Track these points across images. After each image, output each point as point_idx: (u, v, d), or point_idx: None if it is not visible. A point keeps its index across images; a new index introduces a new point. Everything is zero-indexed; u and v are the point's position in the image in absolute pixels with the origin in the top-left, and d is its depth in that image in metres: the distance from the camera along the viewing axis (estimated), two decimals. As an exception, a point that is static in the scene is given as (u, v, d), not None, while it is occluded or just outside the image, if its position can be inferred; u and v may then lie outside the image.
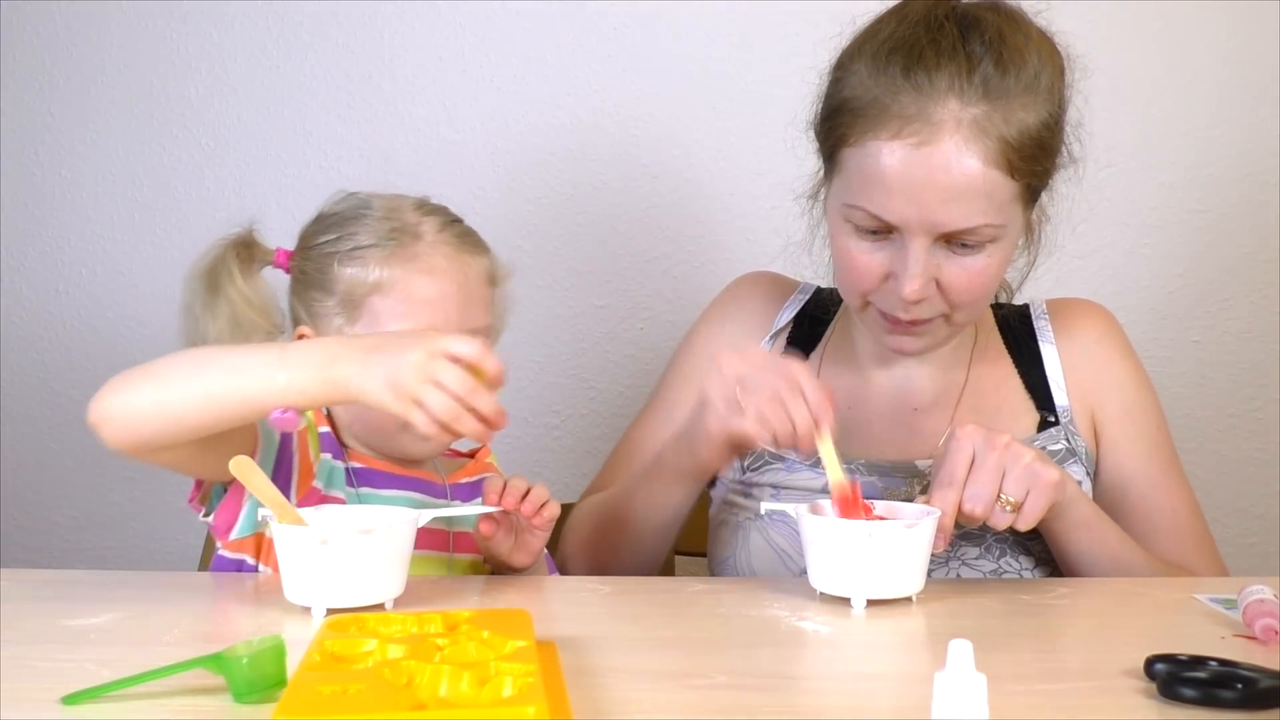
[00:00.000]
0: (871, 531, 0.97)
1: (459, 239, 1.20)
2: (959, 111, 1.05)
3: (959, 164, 1.04)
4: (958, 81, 1.05)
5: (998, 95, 1.05)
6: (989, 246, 1.10)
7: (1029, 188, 1.11)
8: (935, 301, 1.12)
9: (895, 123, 1.06)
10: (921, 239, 1.07)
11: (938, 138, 1.05)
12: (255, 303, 1.19)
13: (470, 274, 1.18)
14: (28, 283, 1.93)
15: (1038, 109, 1.08)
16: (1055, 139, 1.12)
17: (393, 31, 1.86)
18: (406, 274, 1.16)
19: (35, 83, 1.91)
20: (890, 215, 1.07)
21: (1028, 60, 1.08)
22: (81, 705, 0.73)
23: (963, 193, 1.05)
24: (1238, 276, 1.79)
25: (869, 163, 1.08)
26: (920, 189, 1.05)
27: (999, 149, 1.05)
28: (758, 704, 0.75)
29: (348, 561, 0.94)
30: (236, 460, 0.99)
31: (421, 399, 0.93)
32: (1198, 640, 0.86)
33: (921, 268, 1.08)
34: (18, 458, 1.93)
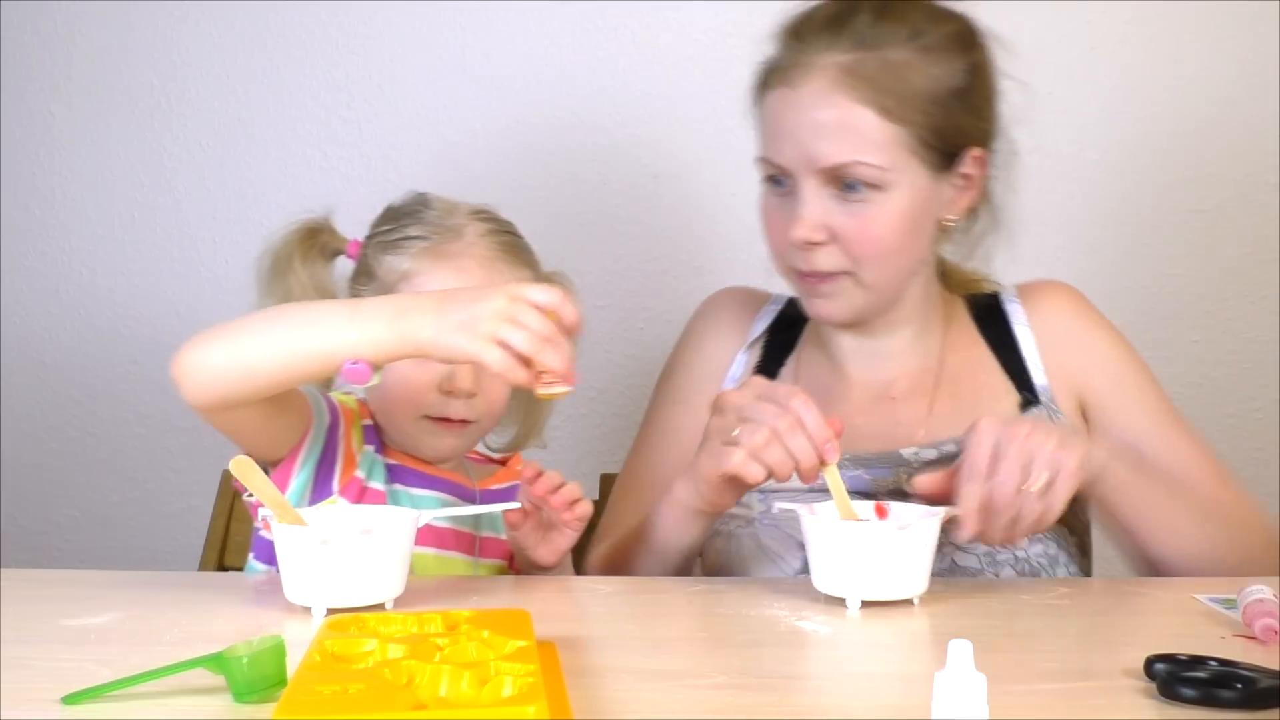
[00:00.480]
0: (870, 532, 0.97)
1: (499, 247, 1.22)
2: (833, 57, 1.13)
3: (828, 99, 1.13)
4: (832, 33, 1.14)
5: (872, 44, 1.13)
6: (878, 196, 1.14)
7: (922, 141, 1.14)
8: (834, 253, 1.16)
9: (781, 72, 1.16)
10: (807, 179, 1.14)
11: (810, 78, 1.14)
12: (311, 287, 1.22)
13: (498, 281, 1.19)
14: (28, 283, 1.93)
15: (925, 64, 1.14)
16: (952, 103, 1.16)
17: (393, 31, 1.86)
18: (435, 268, 1.19)
19: (35, 83, 1.91)
20: (778, 156, 1.16)
21: (909, 19, 1.15)
22: (81, 705, 0.73)
23: (833, 127, 1.13)
24: (1238, 276, 1.79)
25: (764, 113, 1.19)
26: (796, 126, 1.14)
27: (869, 89, 1.12)
28: (758, 704, 0.75)
29: (348, 561, 0.94)
30: (237, 460, 0.99)
31: (503, 338, 0.93)
32: (1198, 640, 0.86)
33: (809, 209, 1.14)
34: (18, 458, 1.93)
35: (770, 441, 1.01)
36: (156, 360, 1.93)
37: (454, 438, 1.22)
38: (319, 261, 1.25)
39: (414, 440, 1.22)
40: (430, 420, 1.19)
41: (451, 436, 1.21)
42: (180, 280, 1.91)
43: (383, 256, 1.22)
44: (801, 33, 1.17)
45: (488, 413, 1.22)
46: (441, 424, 1.20)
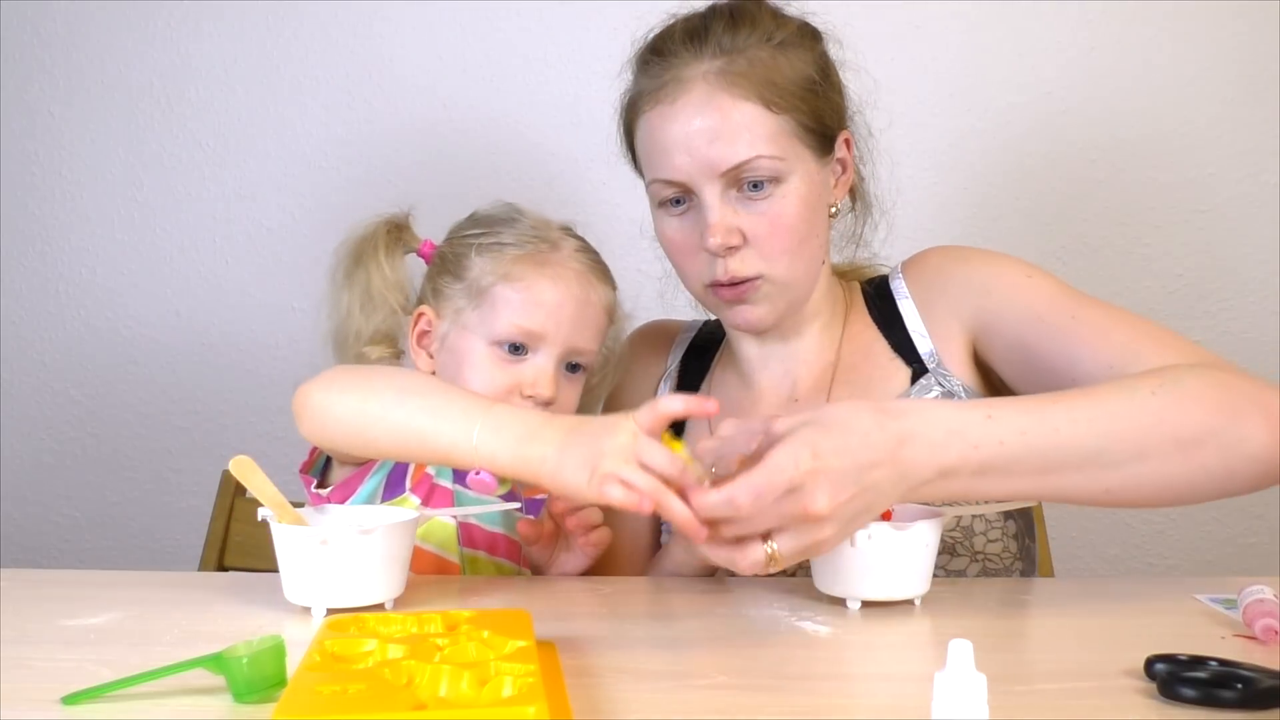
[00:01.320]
0: (870, 534, 0.97)
1: (591, 264, 1.26)
2: (702, 66, 1.15)
3: (713, 103, 1.14)
4: (696, 46, 1.16)
5: (735, 50, 1.16)
6: (778, 189, 1.16)
7: (804, 128, 1.17)
8: (748, 256, 1.16)
9: (654, 93, 1.18)
10: (709, 186, 1.15)
11: (688, 89, 1.15)
12: (389, 279, 1.25)
13: (592, 297, 1.23)
14: (28, 283, 1.93)
15: (786, 59, 1.17)
16: (818, 89, 1.18)
17: (393, 31, 1.86)
18: (535, 274, 1.21)
19: (35, 83, 1.91)
20: (675, 173, 1.16)
21: (761, 21, 1.18)
22: (81, 705, 0.73)
23: (724, 128, 1.14)
24: (1238, 276, 1.79)
25: (646, 137, 1.19)
26: (688, 138, 1.15)
27: (747, 86, 1.14)
28: (758, 704, 0.75)
29: (348, 561, 0.94)
30: (237, 460, 0.99)
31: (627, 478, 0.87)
32: (1198, 640, 0.86)
33: (718, 215, 1.15)
34: (18, 458, 1.93)
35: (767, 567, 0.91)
36: (156, 360, 1.95)
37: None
38: (398, 256, 1.27)
39: None
40: None
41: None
42: (180, 280, 1.91)
43: (475, 259, 1.23)
44: (663, 52, 1.19)
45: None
46: None
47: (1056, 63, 1.78)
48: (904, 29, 1.80)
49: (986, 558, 1.18)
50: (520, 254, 1.22)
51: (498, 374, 1.19)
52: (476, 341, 1.20)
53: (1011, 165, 1.80)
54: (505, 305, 1.20)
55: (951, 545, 1.16)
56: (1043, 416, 0.94)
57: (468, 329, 1.22)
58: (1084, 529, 1.83)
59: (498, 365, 1.19)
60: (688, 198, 1.18)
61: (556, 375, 1.19)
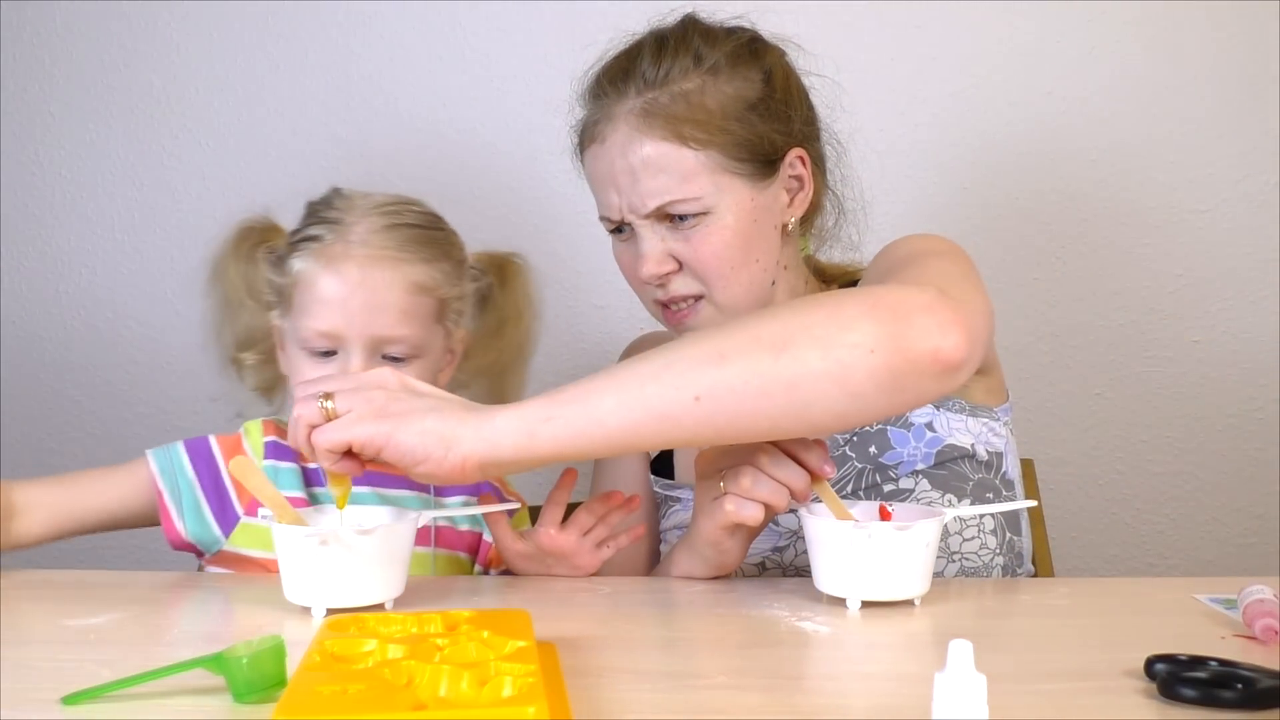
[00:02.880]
0: (871, 534, 0.97)
1: (394, 244, 1.19)
2: (626, 104, 1.18)
3: (632, 145, 1.17)
4: (622, 83, 1.19)
5: (658, 83, 1.17)
6: (705, 219, 1.17)
7: (733, 157, 1.17)
8: (685, 279, 1.20)
9: (589, 130, 1.22)
10: (640, 222, 1.19)
11: (614, 130, 1.18)
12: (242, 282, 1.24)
13: (381, 281, 1.17)
14: (28, 283, 1.93)
15: (715, 86, 1.17)
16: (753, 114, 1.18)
17: (393, 31, 1.86)
18: (317, 271, 1.18)
19: (35, 83, 1.91)
20: (609, 210, 1.21)
21: (688, 47, 1.19)
22: (81, 705, 0.73)
23: (642, 170, 1.17)
24: (1238, 276, 1.79)
25: (587, 171, 1.24)
26: (613, 177, 1.19)
27: (665, 124, 1.16)
28: (758, 704, 0.75)
29: (348, 561, 0.94)
30: (237, 460, 0.99)
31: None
32: (1198, 640, 0.86)
33: (648, 247, 1.19)
34: (18, 458, 1.93)
35: (755, 476, 1.00)
36: (156, 360, 1.94)
37: None
38: (256, 257, 1.25)
39: None
40: None
41: None
42: (180, 280, 1.91)
43: (288, 259, 1.22)
44: (597, 90, 1.22)
45: None
46: None
47: (1056, 63, 1.78)
48: (906, 29, 1.80)
49: (964, 556, 1.19)
50: (313, 249, 1.19)
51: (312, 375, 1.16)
52: (293, 350, 1.20)
53: (1011, 165, 1.80)
54: (299, 311, 1.19)
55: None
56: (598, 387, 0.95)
57: (287, 338, 1.22)
58: (1084, 529, 1.83)
59: (312, 369, 1.18)
60: (627, 228, 1.22)
61: (368, 368, 1.14)
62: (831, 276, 1.34)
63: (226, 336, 1.26)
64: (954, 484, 1.19)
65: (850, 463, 1.21)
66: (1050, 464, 1.77)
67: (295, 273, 1.20)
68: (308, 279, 1.18)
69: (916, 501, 1.18)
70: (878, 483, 1.20)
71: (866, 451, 1.20)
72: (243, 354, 1.26)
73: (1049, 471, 1.76)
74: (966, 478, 1.20)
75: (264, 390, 1.28)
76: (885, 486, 1.19)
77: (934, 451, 1.19)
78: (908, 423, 1.20)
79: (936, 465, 1.19)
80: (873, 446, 1.20)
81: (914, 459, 1.19)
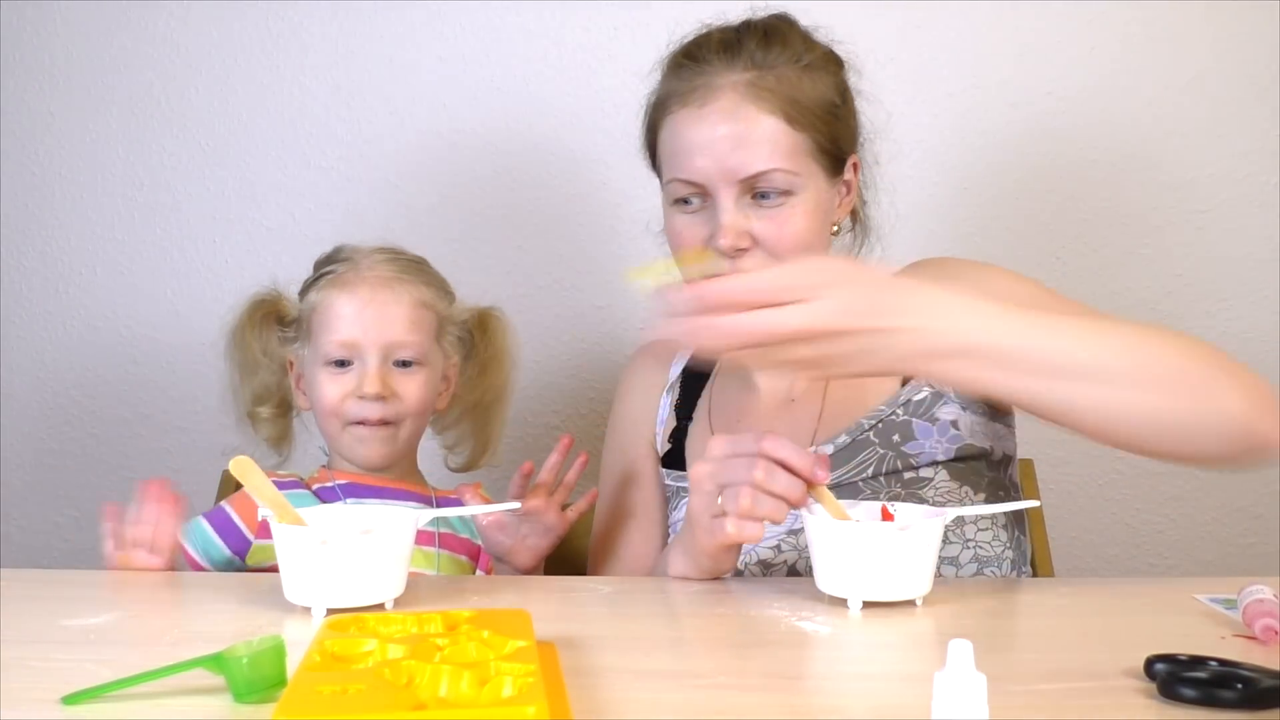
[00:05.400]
0: (873, 534, 0.97)
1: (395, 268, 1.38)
2: (734, 76, 1.20)
3: (740, 112, 1.19)
4: (729, 56, 1.21)
5: (765, 65, 1.21)
6: (789, 200, 1.20)
7: (820, 148, 1.22)
8: (756, 258, 1.20)
9: (683, 96, 1.22)
10: (726, 190, 1.19)
11: (718, 96, 1.20)
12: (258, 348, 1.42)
13: (392, 296, 1.35)
14: (28, 283, 1.93)
15: (810, 80, 1.22)
16: (837, 113, 1.24)
17: (393, 31, 1.86)
18: (335, 294, 1.36)
19: (35, 83, 1.91)
20: (695, 174, 1.20)
21: (791, 43, 1.23)
22: (81, 705, 0.73)
23: (747, 138, 1.19)
24: (1238, 276, 1.79)
25: (671, 136, 1.24)
26: (712, 142, 1.19)
27: (773, 101, 1.19)
28: (758, 704, 0.75)
29: (348, 561, 0.94)
30: (237, 460, 0.99)
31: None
32: (1198, 640, 0.86)
33: (731, 218, 1.19)
34: (18, 458, 1.93)
35: (754, 496, 1.01)
36: (156, 360, 1.94)
37: (380, 443, 1.35)
38: (268, 327, 1.43)
39: (349, 451, 1.36)
40: (355, 426, 1.35)
41: (378, 442, 1.35)
42: (180, 280, 1.91)
43: (303, 299, 1.41)
44: (696, 58, 1.24)
45: (409, 412, 1.36)
46: (365, 428, 1.34)
47: (1056, 63, 1.78)
48: (905, 29, 1.80)
49: (978, 545, 1.19)
50: (324, 283, 1.37)
51: (332, 387, 1.35)
52: (315, 370, 1.37)
53: (1012, 165, 1.80)
54: (320, 330, 1.36)
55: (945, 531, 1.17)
56: (1050, 324, 1.01)
57: (309, 364, 1.38)
58: (1084, 529, 1.83)
59: (332, 381, 1.35)
60: (701, 198, 1.22)
61: (382, 372, 1.34)
62: None
63: (244, 394, 1.44)
64: (971, 478, 1.21)
65: (873, 447, 1.22)
66: (1050, 464, 1.77)
67: (313, 302, 1.38)
68: (326, 302, 1.36)
69: (935, 490, 1.19)
70: (898, 469, 1.21)
71: (890, 439, 1.22)
72: (258, 408, 1.43)
73: (1049, 471, 1.76)
74: (983, 474, 1.22)
75: (274, 441, 1.45)
76: (905, 474, 1.21)
77: (954, 448, 1.21)
78: (934, 417, 1.22)
79: (956, 459, 1.21)
80: (896, 435, 1.22)
81: (934, 452, 1.21)
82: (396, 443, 1.36)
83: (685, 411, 1.37)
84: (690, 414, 1.36)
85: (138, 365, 1.91)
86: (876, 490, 1.20)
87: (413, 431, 1.38)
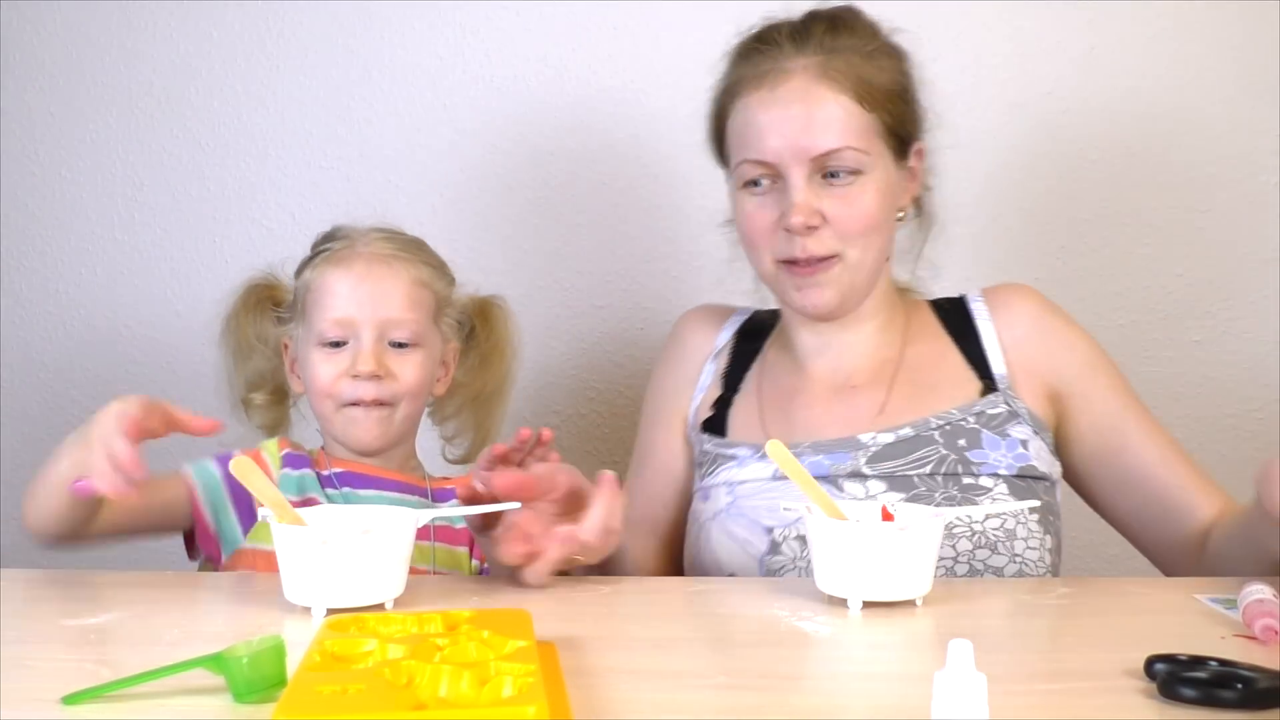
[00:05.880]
0: (873, 533, 0.97)
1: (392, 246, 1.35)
2: (804, 60, 1.24)
3: (812, 93, 1.23)
4: (799, 42, 1.25)
5: (835, 50, 1.24)
6: (858, 179, 1.23)
7: (888, 129, 1.25)
8: (825, 236, 1.23)
9: (754, 80, 1.25)
10: (797, 169, 1.22)
11: (790, 79, 1.23)
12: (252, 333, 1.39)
13: (389, 273, 1.32)
14: (28, 283, 1.93)
15: (878, 65, 1.26)
16: (903, 98, 1.28)
17: (393, 31, 1.86)
18: (330, 272, 1.32)
19: (35, 83, 1.91)
20: (767, 154, 1.23)
21: (858, 30, 1.27)
22: (81, 705, 0.73)
23: (819, 117, 1.22)
24: (1238, 276, 1.79)
25: (741, 119, 1.26)
26: (784, 121, 1.22)
27: (844, 82, 1.23)
28: (758, 704, 0.75)
29: (348, 561, 0.94)
30: (237, 461, 0.99)
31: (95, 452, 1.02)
32: (1198, 640, 0.86)
33: (803, 196, 1.22)
34: (18, 458, 1.93)
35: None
36: (156, 360, 1.94)
37: (374, 424, 1.31)
38: (263, 312, 1.40)
39: (342, 433, 1.32)
40: (349, 407, 1.31)
41: (372, 423, 1.31)
42: (180, 280, 1.91)
43: (298, 278, 1.37)
44: (767, 44, 1.27)
45: (405, 393, 1.32)
46: (360, 409, 1.30)
47: (1056, 63, 1.78)
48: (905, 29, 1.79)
49: (1024, 561, 1.20)
50: (319, 260, 1.34)
51: (325, 367, 1.31)
52: (309, 350, 1.33)
53: (1012, 165, 1.80)
54: (315, 309, 1.32)
55: (994, 543, 1.19)
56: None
57: (303, 344, 1.35)
58: (1084, 529, 1.82)
59: (326, 360, 1.31)
60: (771, 180, 1.25)
61: (378, 351, 1.30)
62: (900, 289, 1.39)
63: (238, 380, 1.42)
64: (1028, 497, 1.22)
65: (935, 446, 1.23)
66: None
67: (308, 280, 1.34)
68: (321, 280, 1.33)
69: (993, 501, 1.20)
70: (958, 473, 1.22)
71: (955, 444, 1.23)
72: (252, 394, 1.41)
73: (1049, 471, 1.76)
74: (1039, 496, 1.23)
75: (268, 429, 1.42)
76: (964, 478, 1.21)
77: (1019, 465, 1.23)
78: (1004, 432, 1.24)
79: (1017, 476, 1.23)
80: (963, 440, 1.24)
81: (997, 464, 1.22)
82: (392, 425, 1.32)
83: (733, 381, 1.37)
84: (738, 384, 1.37)
85: (138, 365, 1.91)
86: (932, 489, 1.20)
87: (408, 415, 1.34)
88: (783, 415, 1.30)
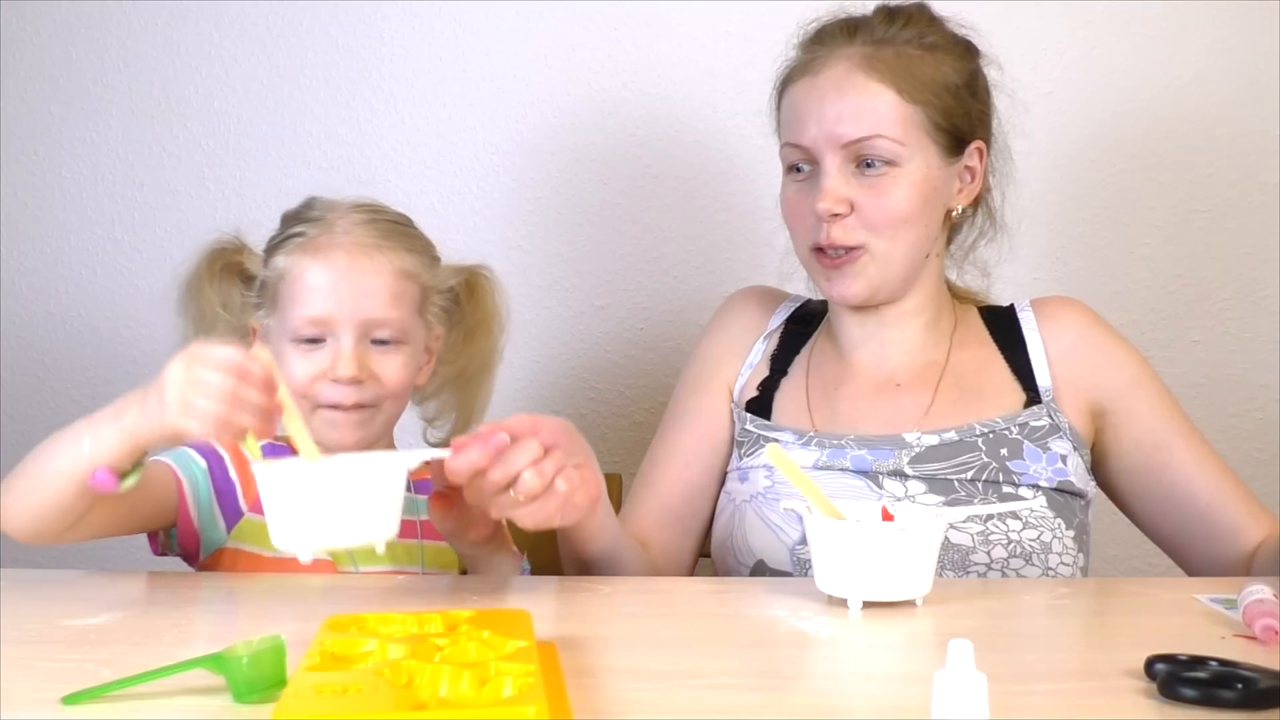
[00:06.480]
0: (873, 534, 0.97)
1: (376, 234, 1.24)
2: (851, 50, 1.24)
3: (849, 79, 1.23)
4: (850, 34, 1.26)
5: (886, 41, 1.24)
6: (893, 171, 1.23)
7: (935, 125, 1.24)
8: (852, 226, 1.23)
9: (803, 67, 1.27)
10: (831, 155, 1.22)
11: (831, 65, 1.24)
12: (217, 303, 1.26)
13: (371, 266, 1.22)
14: (28, 283, 1.93)
15: (933, 59, 1.25)
16: (958, 94, 1.26)
17: (393, 31, 1.86)
18: (305, 263, 1.22)
19: (35, 83, 1.91)
20: (803, 138, 1.24)
21: (915, 23, 1.26)
22: (81, 705, 0.73)
23: (854, 104, 1.22)
24: (1238, 276, 1.79)
25: (787, 104, 1.28)
26: (820, 105, 1.23)
27: (887, 71, 1.22)
28: (758, 704, 0.75)
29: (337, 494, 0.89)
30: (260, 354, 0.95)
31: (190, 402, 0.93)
32: (1198, 640, 0.86)
33: (832, 182, 1.22)
34: (18, 457, 1.92)
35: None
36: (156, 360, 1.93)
37: (354, 427, 1.22)
38: (229, 279, 1.28)
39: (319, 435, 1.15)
40: (328, 410, 1.21)
41: (351, 426, 1.21)
42: (180, 280, 1.91)
43: (269, 262, 1.25)
44: (820, 36, 1.28)
45: (388, 395, 1.23)
46: (339, 412, 1.21)
47: (1057, 63, 1.78)
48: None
49: (1056, 575, 1.20)
50: (297, 243, 1.23)
51: (301, 366, 1.20)
52: (282, 345, 1.21)
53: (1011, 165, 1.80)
54: (289, 303, 1.22)
55: (1029, 554, 1.19)
56: None
57: (275, 336, 1.23)
58: (1084, 529, 1.83)
59: (302, 359, 1.20)
60: (810, 166, 1.25)
61: (358, 352, 1.20)
62: (958, 294, 1.39)
63: None
64: (1065, 513, 1.22)
65: (978, 453, 1.23)
66: (1050, 464, 1.77)
67: (281, 268, 1.23)
68: (295, 272, 1.22)
69: (1031, 512, 1.20)
70: (998, 481, 1.22)
71: (997, 451, 1.23)
72: None
73: (1049, 471, 1.76)
74: (1075, 513, 1.24)
75: None
76: (1004, 487, 1.22)
77: (1058, 480, 1.23)
78: (1046, 445, 1.24)
79: (1056, 490, 1.23)
80: (1005, 449, 1.23)
81: (1037, 476, 1.22)
82: (373, 428, 1.23)
83: (781, 364, 1.37)
84: (786, 368, 1.36)
85: (138, 365, 1.91)
86: (971, 495, 1.21)
87: (391, 414, 1.26)
88: (827, 404, 1.31)
